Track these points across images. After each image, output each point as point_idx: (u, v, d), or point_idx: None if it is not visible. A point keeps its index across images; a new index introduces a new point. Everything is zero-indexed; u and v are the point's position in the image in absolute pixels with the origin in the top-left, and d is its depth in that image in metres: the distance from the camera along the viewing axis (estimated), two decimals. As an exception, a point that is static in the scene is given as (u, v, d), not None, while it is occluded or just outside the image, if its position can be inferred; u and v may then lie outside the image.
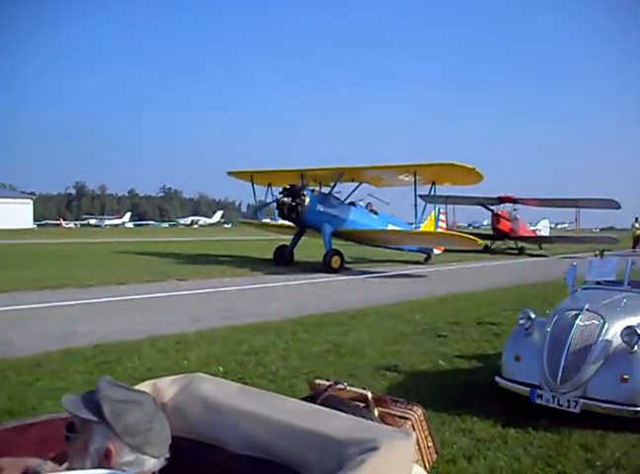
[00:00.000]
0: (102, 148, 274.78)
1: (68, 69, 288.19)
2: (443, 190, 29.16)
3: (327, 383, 3.24)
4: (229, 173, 29.33)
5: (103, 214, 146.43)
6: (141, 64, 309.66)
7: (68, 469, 2.04)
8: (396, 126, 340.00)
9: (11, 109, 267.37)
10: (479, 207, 44.34)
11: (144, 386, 2.54)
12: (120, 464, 1.93)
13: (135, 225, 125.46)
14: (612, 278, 7.89)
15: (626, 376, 5.87)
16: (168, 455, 2.09)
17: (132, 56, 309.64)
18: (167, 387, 2.62)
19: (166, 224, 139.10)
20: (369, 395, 3.10)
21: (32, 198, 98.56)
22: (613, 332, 6.22)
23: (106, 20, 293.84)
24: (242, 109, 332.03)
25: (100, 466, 1.92)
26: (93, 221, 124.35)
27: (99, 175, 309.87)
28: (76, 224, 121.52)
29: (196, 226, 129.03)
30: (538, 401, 6.13)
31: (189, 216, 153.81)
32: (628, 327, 6.13)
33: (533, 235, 45.80)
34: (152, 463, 2.02)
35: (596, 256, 8.37)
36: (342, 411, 2.47)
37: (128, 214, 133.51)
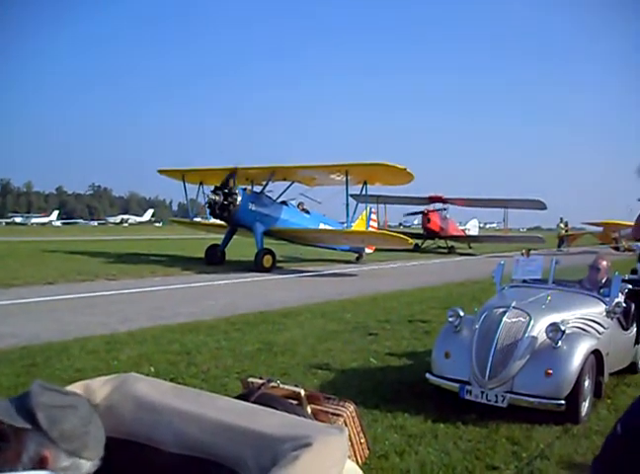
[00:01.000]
0: (28, 144, 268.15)
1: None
2: (375, 189, 29.42)
3: (260, 381, 3.25)
4: (160, 171, 28.94)
5: (29, 212, 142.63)
6: (70, 57, 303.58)
7: None
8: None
9: None
10: (410, 207, 44.92)
11: (76, 387, 2.49)
12: (56, 470, 1.89)
13: (63, 224, 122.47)
14: (538, 277, 8.11)
15: (551, 371, 6.04)
16: (103, 455, 2.06)
17: (62, 49, 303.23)
18: (99, 388, 2.57)
19: (95, 223, 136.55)
20: (302, 392, 3.12)
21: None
22: (539, 328, 6.39)
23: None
24: (170, 105, 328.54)
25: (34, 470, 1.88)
26: (19, 219, 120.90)
27: (25, 172, 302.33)
28: (1, 222, 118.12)
29: (126, 225, 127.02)
30: (467, 397, 6.26)
31: (118, 215, 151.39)
32: (553, 323, 6.31)
33: (463, 234, 46.58)
34: (88, 466, 1.99)
35: (522, 255, 8.59)
36: (275, 408, 2.48)
37: (56, 212, 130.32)
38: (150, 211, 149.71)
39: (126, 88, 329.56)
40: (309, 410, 3.09)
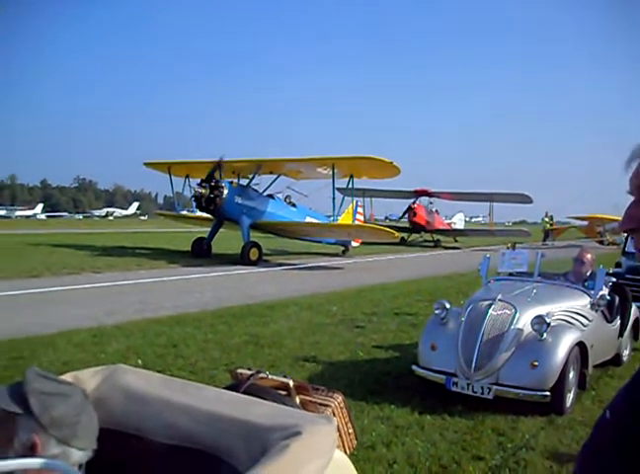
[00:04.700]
0: (11, 136, 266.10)
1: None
2: (361, 183, 29.44)
3: (249, 372, 3.27)
4: (146, 164, 28.81)
5: (13, 205, 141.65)
6: (55, 49, 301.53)
7: None
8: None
9: None
10: (396, 200, 44.94)
11: (65, 378, 2.51)
12: (46, 457, 1.90)
13: (48, 217, 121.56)
14: (524, 270, 8.17)
15: (536, 363, 6.11)
16: (95, 447, 2.08)
17: (44, 44, 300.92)
18: (89, 379, 2.59)
19: (80, 216, 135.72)
20: (291, 383, 3.14)
21: None
22: (524, 321, 6.45)
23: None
24: (159, 97, 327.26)
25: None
26: (2, 212, 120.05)
27: (8, 164, 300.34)
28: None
29: (111, 218, 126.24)
30: (454, 388, 6.31)
31: (104, 208, 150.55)
32: (538, 316, 6.37)
33: (449, 228, 46.64)
34: (79, 456, 2.00)
35: (508, 248, 8.65)
36: (264, 399, 2.50)
37: (41, 205, 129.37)
38: (135, 204, 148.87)
39: (115, 80, 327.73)
40: (298, 400, 3.11)
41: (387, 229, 25.45)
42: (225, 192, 23.21)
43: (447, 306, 6.96)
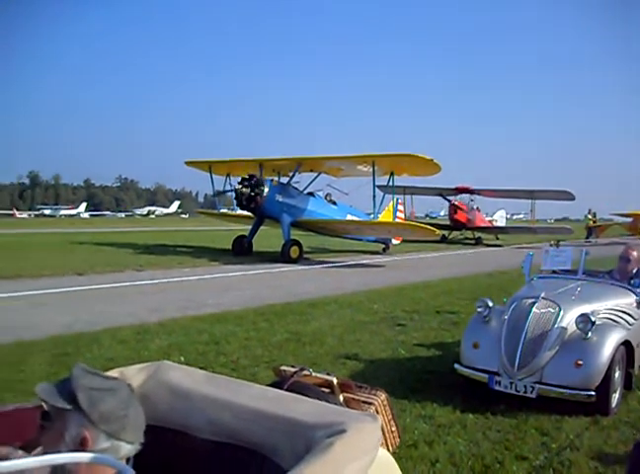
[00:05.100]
0: (56, 138, 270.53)
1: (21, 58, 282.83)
2: (401, 180, 29.31)
3: (293, 370, 3.28)
4: (187, 163, 29.07)
5: (57, 204, 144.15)
6: (93, 51, 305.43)
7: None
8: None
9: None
10: (437, 198, 44.66)
11: (111, 374, 2.54)
12: (95, 451, 1.92)
13: (91, 216, 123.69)
14: (568, 268, 8.06)
15: (580, 362, 6.02)
16: (142, 441, 2.10)
17: (90, 48, 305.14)
18: (134, 375, 2.62)
19: (122, 215, 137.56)
20: (335, 381, 3.15)
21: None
22: (568, 319, 6.36)
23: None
24: (203, 96, 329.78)
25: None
26: (47, 211, 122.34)
27: (53, 164, 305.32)
28: (30, 214, 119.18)
29: (152, 216, 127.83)
30: (497, 387, 6.25)
31: (145, 207, 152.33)
32: (583, 314, 6.28)
33: (490, 226, 46.24)
34: (127, 449, 2.03)
35: (551, 246, 8.54)
36: (308, 396, 2.50)
37: (84, 205, 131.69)
38: (177, 203, 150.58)
39: (158, 80, 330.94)
40: (341, 398, 3.12)
41: (428, 227, 25.31)
42: (266, 190, 23.31)
43: (490, 304, 6.89)
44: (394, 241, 29.82)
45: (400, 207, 32.22)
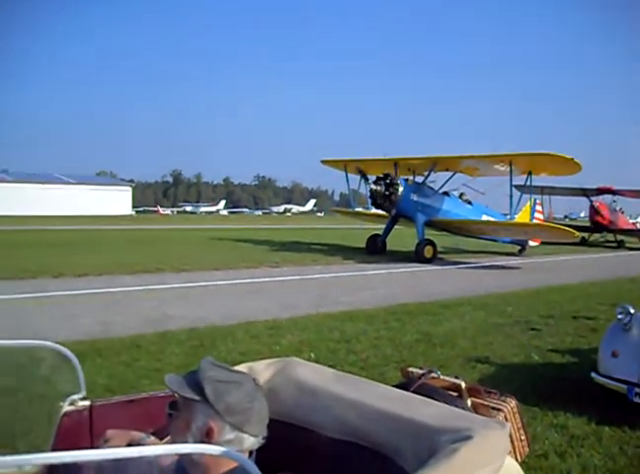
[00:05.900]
0: (198, 138, 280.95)
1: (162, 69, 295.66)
2: (538, 180, 28.52)
3: (420, 372, 3.27)
4: (323, 161, 29.45)
5: (198, 202, 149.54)
6: (236, 58, 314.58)
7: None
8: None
9: (119, 104, 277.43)
10: (576, 198, 43.11)
11: (240, 369, 2.61)
12: (220, 442, 1.99)
13: (230, 213, 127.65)
14: None
15: None
16: (266, 434, 2.15)
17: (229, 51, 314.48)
18: (262, 370, 2.69)
19: (259, 212, 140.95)
20: (463, 385, 3.11)
21: (131, 186, 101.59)
22: None
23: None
24: (342, 96, 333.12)
25: (203, 443, 1.99)
26: (189, 208, 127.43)
27: (195, 164, 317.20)
28: (173, 211, 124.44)
29: (289, 214, 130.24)
30: (636, 399, 5.96)
31: (282, 204, 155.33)
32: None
33: (634, 228, 44.17)
34: (251, 442, 2.09)
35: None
36: (435, 399, 2.48)
37: (223, 202, 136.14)
38: (312, 201, 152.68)
39: (298, 81, 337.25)
40: (469, 403, 3.07)
41: (567, 228, 24.47)
42: (400, 189, 23.29)
43: (632, 311, 6.58)
44: (532, 243, 29.07)
45: (538, 208, 31.39)
